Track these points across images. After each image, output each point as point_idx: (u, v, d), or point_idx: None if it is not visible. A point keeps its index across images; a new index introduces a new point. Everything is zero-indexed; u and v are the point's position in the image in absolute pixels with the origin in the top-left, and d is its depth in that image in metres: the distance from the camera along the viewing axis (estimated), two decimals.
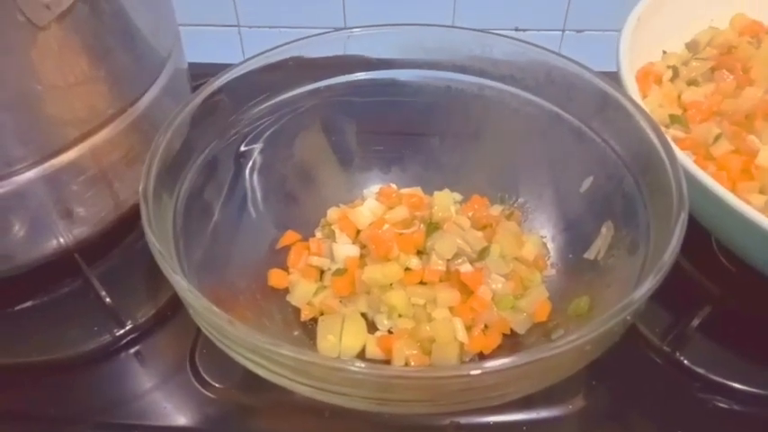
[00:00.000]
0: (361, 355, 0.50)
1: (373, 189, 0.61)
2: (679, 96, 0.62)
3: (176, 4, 0.62)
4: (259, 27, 0.90)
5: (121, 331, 0.55)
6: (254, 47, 0.56)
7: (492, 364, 0.35)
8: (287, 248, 0.57)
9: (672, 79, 0.63)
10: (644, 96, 0.61)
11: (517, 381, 0.38)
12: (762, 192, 0.52)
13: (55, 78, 0.47)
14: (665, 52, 0.67)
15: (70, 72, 0.47)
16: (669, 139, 0.46)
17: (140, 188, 0.43)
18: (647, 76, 0.63)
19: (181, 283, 0.39)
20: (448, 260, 0.52)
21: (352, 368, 0.35)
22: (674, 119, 0.59)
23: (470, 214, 0.57)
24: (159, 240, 0.41)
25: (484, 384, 0.36)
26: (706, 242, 0.58)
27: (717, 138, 0.55)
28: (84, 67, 0.48)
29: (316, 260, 0.55)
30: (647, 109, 0.50)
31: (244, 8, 0.88)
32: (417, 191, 0.59)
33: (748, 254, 0.51)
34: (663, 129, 0.54)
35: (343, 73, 0.59)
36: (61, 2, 0.43)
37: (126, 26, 0.51)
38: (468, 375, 0.36)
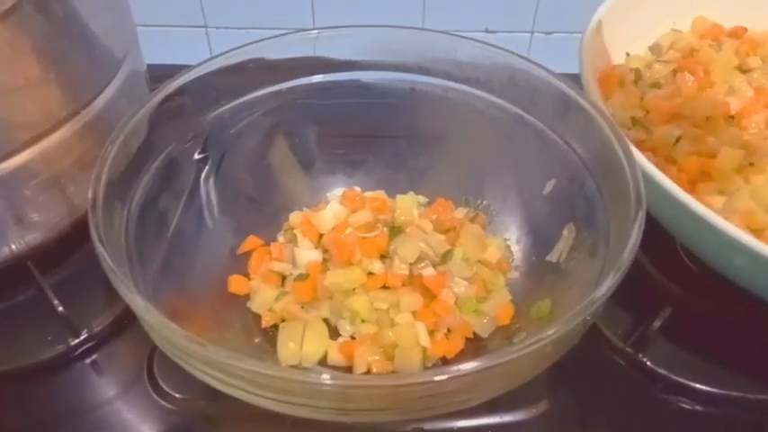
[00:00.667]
0: (324, 362, 0.49)
1: (337, 192, 0.60)
2: (641, 99, 0.62)
3: (140, 5, 0.60)
4: (227, 28, 0.89)
5: (76, 341, 0.53)
6: (222, 48, 0.55)
7: (455, 369, 0.35)
8: (248, 254, 0.56)
9: (635, 81, 0.64)
10: (607, 98, 0.61)
11: (480, 385, 0.38)
12: (721, 193, 0.53)
13: (2, 80, 0.45)
14: (628, 54, 0.67)
15: (18, 73, 0.46)
16: (628, 141, 0.46)
17: (89, 196, 0.42)
18: (611, 79, 0.63)
19: (133, 300, 0.38)
20: (411, 264, 0.51)
21: (311, 379, 0.34)
22: (635, 121, 0.59)
23: (434, 217, 0.56)
24: (109, 251, 0.40)
25: (447, 390, 0.36)
26: (671, 244, 0.58)
27: (677, 140, 0.56)
28: (32, 69, 0.46)
29: (277, 265, 0.54)
30: (608, 111, 0.50)
31: (211, 9, 0.86)
32: (381, 194, 0.59)
33: (708, 256, 0.51)
34: (625, 131, 0.55)
35: (306, 75, 0.58)
36: (4, 1, 0.42)
37: (77, 26, 0.49)
38: (432, 381, 0.35)
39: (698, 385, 0.51)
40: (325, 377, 0.35)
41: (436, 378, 0.34)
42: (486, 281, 0.52)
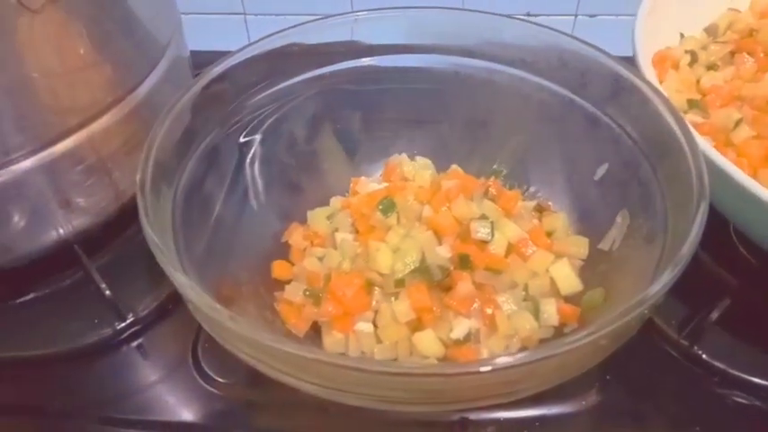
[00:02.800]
0: None
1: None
2: (698, 81, 0.60)
3: None
4: (265, 15, 0.89)
5: (122, 324, 0.54)
6: (260, 35, 0.54)
7: (503, 360, 0.34)
8: None
9: (690, 64, 0.61)
10: (661, 82, 0.59)
11: (528, 378, 0.37)
12: None
13: (50, 64, 0.46)
14: (682, 36, 0.64)
15: (66, 58, 0.46)
16: (689, 125, 0.44)
17: (137, 178, 0.42)
18: (664, 61, 0.60)
19: (179, 279, 0.38)
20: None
21: (356, 365, 0.33)
22: (692, 104, 0.56)
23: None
24: (157, 233, 0.39)
25: (494, 382, 0.35)
26: (724, 231, 0.56)
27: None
28: (80, 53, 0.47)
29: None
30: (660, 88, 0.48)
31: None
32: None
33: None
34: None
35: (347, 59, 0.57)
36: None
37: (123, 11, 0.50)
38: (479, 372, 0.34)
39: (757, 379, 0.49)
40: (370, 364, 0.34)
41: (483, 369, 0.33)
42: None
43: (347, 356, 0.44)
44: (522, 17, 0.84)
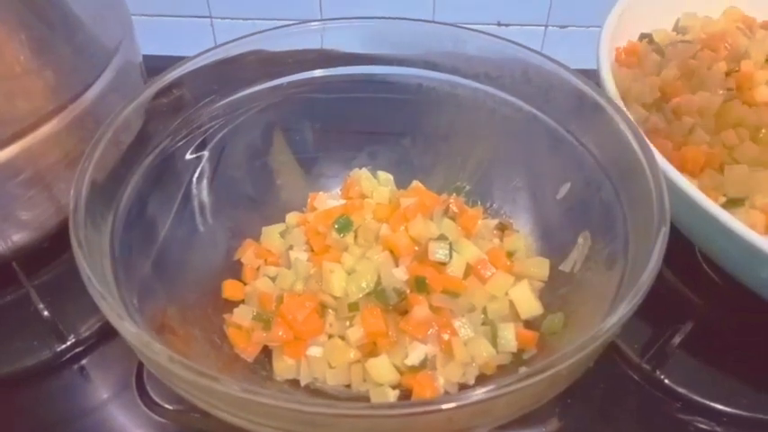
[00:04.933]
0: None
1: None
2: (659, 75, 0.59)
3: None
4: (233, 19, 0.86)
5: (63, 346, 0.51)
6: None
7: (461, 396, 0.32)
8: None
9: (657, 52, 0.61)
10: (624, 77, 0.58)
11: (487, 413, 0.35)
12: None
13: None
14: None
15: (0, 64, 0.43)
16: (651, 145, 0.43)
17: (71, 196, 0.39)
18: (631, 54, 0.60)
19: (111, 314, 0.35)
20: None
21: (296, 407, 0.31)
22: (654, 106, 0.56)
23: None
24: (89, 257, 0.37)
25: (441, 419, 0.33)
26: (690, 250, 0.55)
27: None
28: (14, 59, 0.44)
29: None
30: (623, 107, 0.47)
31: None
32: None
33: (735, 269, 0.48)
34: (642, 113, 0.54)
35: (308, 68, 0.55)
36: None
37: (62, 12, 0.47)
38: (439, 410, 0.32)
39: (719, 406, 0.48)
40: (313, 405, 0.32)
41: (444, 406, 0.31)
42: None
43: (290, 396, 0.41)
44: (492, 26, 0.84)
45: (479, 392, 0.32)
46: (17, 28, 0.43)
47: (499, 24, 0.84)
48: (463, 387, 0.45)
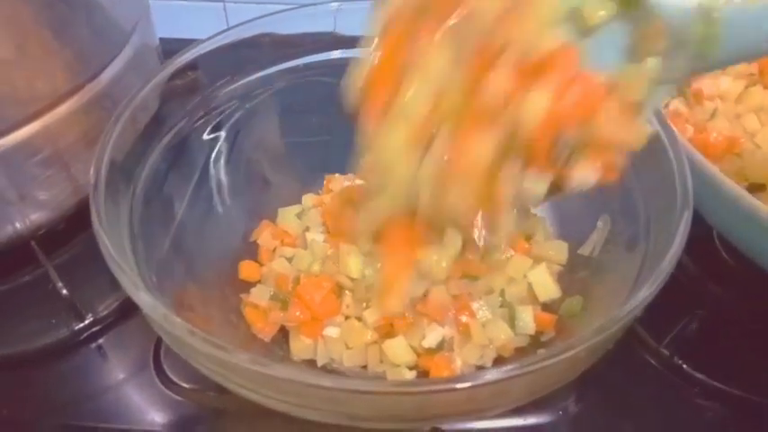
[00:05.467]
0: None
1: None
2: None
3: None
4: (246, 2, 0.85)
5: (80, 325, 0.51)
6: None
7: (478, 376, 0.32)
8: None
9: None
10: None
11: (504, 394, 0.35)
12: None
13: (2, 50, 0.43)
14: None
15: (17, 43, 0.43)
16: (674, 129, 0.42)
17: (91, 174, 0.39)
18: None
19: (133, 291, 0.35)
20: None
21: (316, 382, 0.31)
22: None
23: None
24: (111, 234, 0.37)
25: (461, 399, 0.33)
26: (707, 236, 0.55)
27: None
28: (33, 38, 0.44)
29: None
30: None
31: None
32: None
33: (756, 253, 0.47)
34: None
35: (323, 50, 0.54)
36: None
37: None
38: (454, 389, 0.32)
39: (737, 392, 0.47)
40: (331, 380, 0.32)
41: (458, 386, 0.31)
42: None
43: (309, 372, 0.42)
44: None
45: (497, 372, 0.32)
46: (41, 8, 0.43)
47: None
48: (480, 370, 0.45)
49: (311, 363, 0.46)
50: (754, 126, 0.53)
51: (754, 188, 0.49)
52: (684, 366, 0.49)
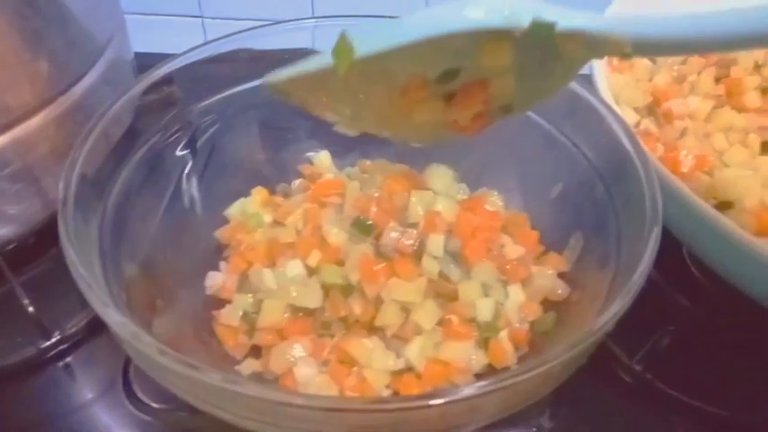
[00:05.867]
0: None
1: None
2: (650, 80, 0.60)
3: None
4: (224, 19, 0.86)
5: (47, 343, 0.50)
6: None
7: (453, 393, 0.32)
8: None
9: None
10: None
11: (477, 410, 0.35)
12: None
13: None
14: None
15: None
16: (644, 147, 0.43)
17: (60, 190, 0.38)
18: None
19: (101, 307, 0.34)
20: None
21: (291, 400, 0.30)
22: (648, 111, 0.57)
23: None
24: (79, 252, 0.36)
25: (432, 416, 0.33)
26: (678, 252, 0.56)
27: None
28: (5, 49, 0.43)
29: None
30: (616, 108, 0.48)
31: None
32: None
33: (725, 269, 0.48)
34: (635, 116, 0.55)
35: None
36: None
37: (55, 5, 0.46)
38: (428, 406, 0.32)
39: (710, 407, 0.48)
40: (303, 398, 0.32)
41: (432, 402, 0.31)
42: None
43: (281, 390, 0.41)
44: None
45: (471, 388, 0.32)
46: (11, 18, 0.43)
47: None
48: (454, 386, 0.44)
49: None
50: (722, 145, 0.54)
51: (723, 206, 0.50)
52: (656, 382, 0.49)
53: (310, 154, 0.57)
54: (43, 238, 0.53)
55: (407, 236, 0.46)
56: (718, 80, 0.59)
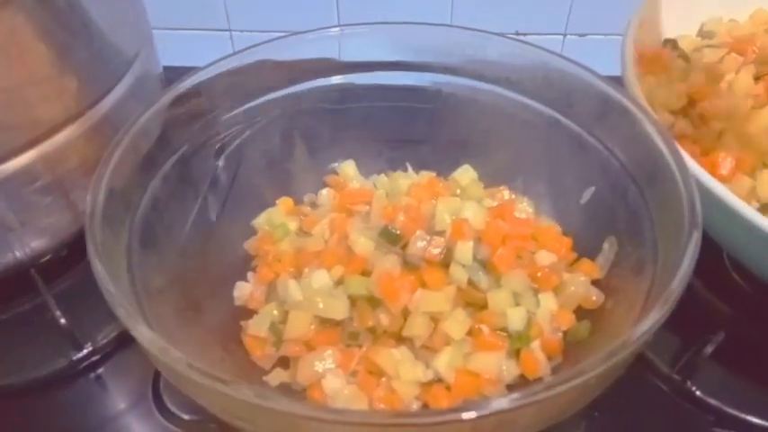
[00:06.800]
0: None
1: None
2: (685, 81, 0.58)
3: (165, 8, 0.57)
4: (252, 31, 0.86)
5: (79, 355, 0.50)
6: None
7: (483, 405, 0.31)
8: None
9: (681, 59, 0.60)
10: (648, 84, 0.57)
11: (510, 424, 0.34)
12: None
13: (2, 76, 0.43)
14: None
15: (17, 69, 0.43)
16: (680, 148, 0.41)
17: (87, 203, 0.38)
18: (655, 63, 0.59)
19: (130, 323, 0.34)
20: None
21: (320, 415, 0.30)
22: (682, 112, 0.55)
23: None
24: (107, 265, 0.36)
25: (470, 429, 0.32)
26: (717, 257, 0.54)
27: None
28: (32, 64, 0.44)
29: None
30: (650, 109, 0.46)
31: (235, 12, 0.84)
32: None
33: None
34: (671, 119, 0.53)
35: (323, 76, 0.54)
36: None
37: (81, 20, 0.47)
38: (461, 420, 0.31)
39: (753, 418, 0.46)
40: (332, 413, 0.31)
41: (464, 416, 0.30)
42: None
43: (311, 404, 0.40)
44: (510, 36, 0.84)
45: (504, 401, 0.31)
46: (40, 33, 0.43)
47: (517, 34, 0.83)
48: (485, 399, 0.43)
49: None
50: (764, 145, 0.52)
51: (766, 209, 0.48)
52: (698, 392, 0.47)
53: (335, 164, 0.57)
54: (75, 251, 0.53)
55: (435, 244, 0.45)
56: (757, 78, 0.57)
